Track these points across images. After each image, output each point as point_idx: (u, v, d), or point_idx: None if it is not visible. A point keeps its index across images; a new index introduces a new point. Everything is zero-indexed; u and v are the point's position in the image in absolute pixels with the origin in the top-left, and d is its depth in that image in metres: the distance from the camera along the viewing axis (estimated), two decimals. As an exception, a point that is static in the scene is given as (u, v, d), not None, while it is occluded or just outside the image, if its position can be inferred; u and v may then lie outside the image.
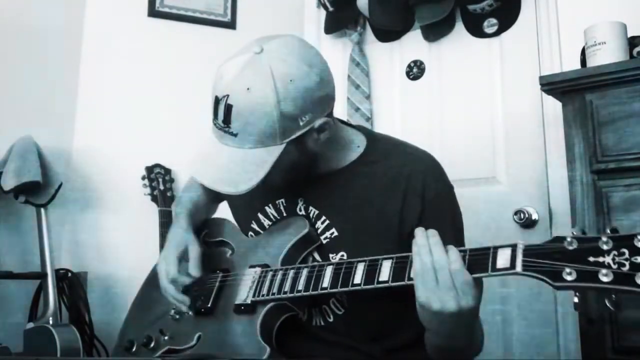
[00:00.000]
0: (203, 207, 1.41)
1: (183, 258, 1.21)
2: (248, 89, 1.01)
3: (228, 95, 1.02)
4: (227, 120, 1.02)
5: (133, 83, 2.56)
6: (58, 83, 2.47)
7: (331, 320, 1.15)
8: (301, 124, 1.05)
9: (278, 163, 1.04)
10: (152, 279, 1.41)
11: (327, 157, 1.16)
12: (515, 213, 2.11)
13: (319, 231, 1.16)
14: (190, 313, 1.19)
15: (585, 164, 1.60)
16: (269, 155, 1.04)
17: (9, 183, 2.12)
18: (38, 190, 2.19)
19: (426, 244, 0.91)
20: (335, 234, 1.14)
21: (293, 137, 1.05)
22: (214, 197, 1.44)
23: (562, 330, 2.02)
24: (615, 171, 1.56)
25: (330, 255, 1.13)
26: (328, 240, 1.15)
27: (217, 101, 1.04)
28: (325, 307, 1.16)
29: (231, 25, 2.72)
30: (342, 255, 1.12)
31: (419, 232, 0.93)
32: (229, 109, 1.01)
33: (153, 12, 2.62)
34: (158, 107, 2.56)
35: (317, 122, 1.07)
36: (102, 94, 2.53)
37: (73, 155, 2.48)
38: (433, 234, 0.92)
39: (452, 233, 1.12)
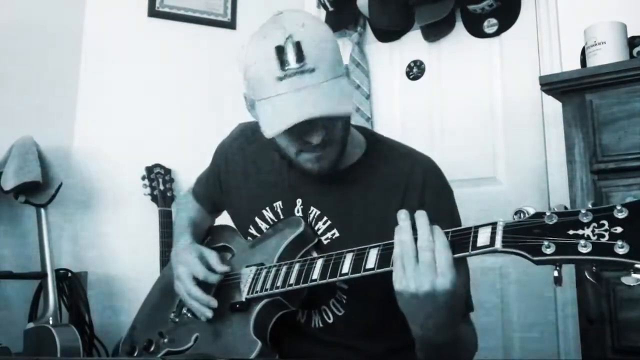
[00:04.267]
0: (202, 223, 1.41)
1: (202, 261, 1.20)
2: (303, 25, 1.03)
3: (291, 35, 1.01)
4: (300, 57, 1.00)
5: (133, 83, 2.56)
6: (58, 83, 2.47)
7: (331, 321, 1.15)
8: (341, 59, 1.08)
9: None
10: (157, 285, 1.42)
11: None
12: (516, 213, 2.09)
13: (320, 232, 1.16)
14: (208, 316, 1.17)
15: (585, 164, 1.60)
16: (346, 82, 1.06)
17: (9, 183, 2.12)
18: (38, 190, 2.19)
19: (408, 226, 0.90)
20: (337, 234, 1.14)
21: (345, 68, 1.08)
22: (211, 209, 1.44)
23: (562, 330, 2.02)
24: (615, 171, 1.56)
25: None
26: (329, 240, 1.15)
27: (279, 50, 1.01)
28: (325, 308, 1.16)
29: (231, 25, 2.72)
30: None
31: (402, 214, 0.92)
32: (298, 45, 1.00)
33: (153, 12, 2.62)
34: (158, 107, 2.56)
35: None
36: (102, 94, 2.53)
37: (73, 155, 2.48)
38: (421, 214, 0.91)
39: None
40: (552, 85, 1.69)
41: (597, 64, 1.64)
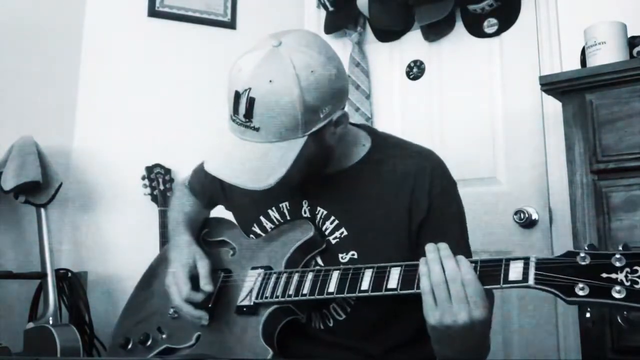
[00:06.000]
0: (197, 217, 1.40)
1: (192, 273, 1.19)
2: (270, 81, 0.99)
3: (250, 89, 1.00)
4: (249, 114, 1.01)
5: (133, 83, 2.56)
6: (58, 83, 2.47)
7: (331, 324, 1.15)
8: (322, 115, 1.04)
9: (299, 157, 1.03)
10: (148, 277, 1.41)
11: (337, 154, 1.16)
12: (515, 213, 2.10)
13: (327, 231, 1.15)
14: (205, 324, 1.16)
15: (585, 164, 1.60)
16: (291, 148, 1.03)
17: (9, 183, 2.12)
18: (38, 190, 2.19)
19: (437, 258, 0.90)
20: (345, 233, 1.14)
21: (314, 129, 1.04)
22: (207, 203, 1.43)
23: (562, 330, 2.02)
24: (615, 171, 1.55)
25: (340, 255, 1.13)
26: (338, 240, 1.14)
27: (237, 96, 1.02)
28: (326, 311, 1.15)
29: (231, 25, 2.72)
30: (353, 255, 1.11)
31: (430, 247, 0.93)
32: (251, 102, 1.00)
33: (153, 12, 2.62)
34: (158, 107, 2.56)
35: (336, 115, 1.07)
36: (102, 94, 2.53)
37: (73, 155, 2.48)
38: (444, 247, 0.92)
39: (457, 227, 1.14)
40: (552, 85, 1.69)
41: (597, 64, 1.64)
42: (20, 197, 2.19)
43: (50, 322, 2.09)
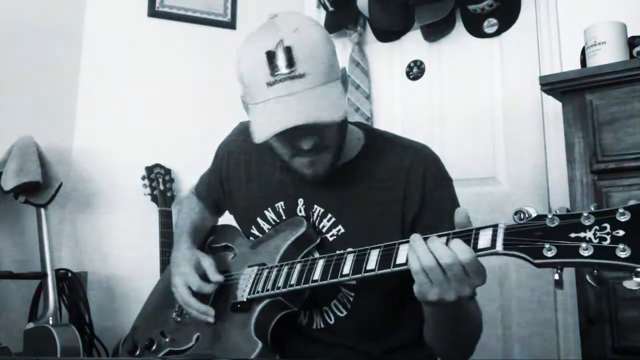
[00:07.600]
0: (203, 224, 1.40)
1: (199, 271, 1.20)
2: (296, 29, 1.02)
3: (282, 40, 1.01)
4: (290, 62, 1.00)
5: (133, 83, 2.56)
6: (58, 83, 2.47)
7: (332, 322, 1.15)
8: (337, 63, 1.08)
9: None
10: (159, 286, 1.42)
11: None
12: (515, 213, 2.09)
13: (324, 229, 1.16)
14: (212, 321, 1.17)
15: (585, 164, 1.60)
16: (338, 86, 1.06)
17: (9, 183, 2.12)
18: (38, 190, 2.19)
19: (423, 243, 0.90)
20: (342, 230, 1.14)
21: (341, 74, 1.08)
22: (213, 209, 1.43)
23: (562, 330, 2.02)
24: (615, 171, 1.56)
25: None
26: (335, 237, 1.15)
27: (270, 54, 1.00)
28: (327, 308, 1.16)
29: (231, 25, 2.72)
30: None
31: (414, 236, 0.92)
32: (289, 50, 1.00)
33: (153, 12, 2.62)
34: (158, 107, 2.56)
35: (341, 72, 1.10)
36: (102, 94, 2.53)
37: (73, 155, 2.48)
38: (433, 239, 0.91)
39: (451, 221, 1.13)
40: (552, 85, 1.69)
41: (597, 64, 1.64)
42: (20, 197, 2.18)
43: (50, 322, 2.09)
